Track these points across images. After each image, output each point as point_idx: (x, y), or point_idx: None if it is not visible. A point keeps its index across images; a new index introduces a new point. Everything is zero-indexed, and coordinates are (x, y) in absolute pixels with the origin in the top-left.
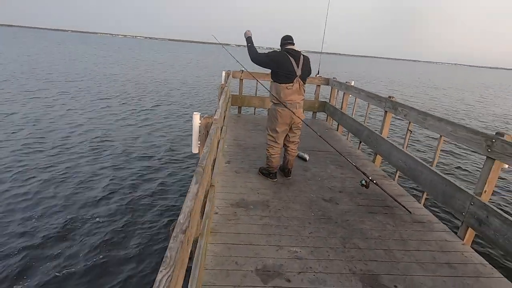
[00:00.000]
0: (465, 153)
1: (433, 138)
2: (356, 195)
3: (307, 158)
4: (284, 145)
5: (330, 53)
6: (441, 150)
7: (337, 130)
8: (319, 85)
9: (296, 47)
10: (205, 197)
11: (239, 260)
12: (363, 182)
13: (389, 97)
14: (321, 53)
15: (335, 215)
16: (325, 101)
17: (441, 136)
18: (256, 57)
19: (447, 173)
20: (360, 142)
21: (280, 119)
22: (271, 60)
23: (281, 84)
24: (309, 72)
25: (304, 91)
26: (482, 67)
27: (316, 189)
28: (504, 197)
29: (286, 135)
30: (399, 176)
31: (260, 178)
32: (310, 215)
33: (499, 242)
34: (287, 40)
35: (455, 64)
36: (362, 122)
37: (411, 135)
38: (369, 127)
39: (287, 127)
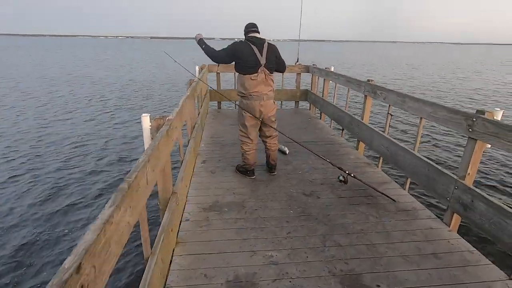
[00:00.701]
0: (448, 135)
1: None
2: (337, 186)
3: (287, 151)
4: (263, 140)
5: (319, 40)
6: (426, 133)
7: (321, 118)
8: (300, 73)
9: (261, 35)
10: (165, 206)
11: (208, 272)
12: (341, 177)
13: (368, 80)
14: (299, 40)
15: (315, 211)
16: (307, 89)
17: (421, 118)
18: (215, 55)
19: (431, 157)
20: (343, 130)
21: (247, 113)
22: (232, 53)
23: (245, 75)
24: (279, 61)
25: (273, 81)
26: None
27: (296, 184)
28: (488, 178)
29: (261, 130)
30: (383, 162)
31: (237, 176)
32: (288, 213)
33: (485, 227)
34: (250, 28)
35: (438, 42)
36: (343, 108)
37: (392, 118)
38: (350, 113)
39: (257, 121)
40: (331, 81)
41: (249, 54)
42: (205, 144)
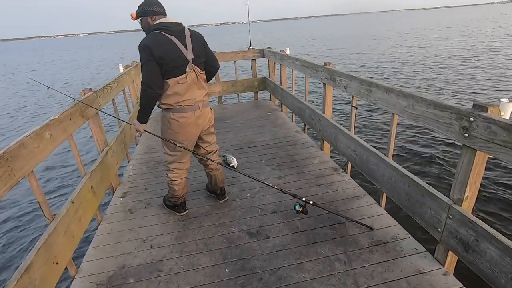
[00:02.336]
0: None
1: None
2: (294, 213)
3: (236, 164)
4: (201, 160)
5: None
6: (411, 131)
7: (282, 110)
8: (254, 59)
9: (174, 18)
10: None
11: None
12: (297, 207)
13: (325, 64)
14: (249, 22)
15: (260, 263)
16: (265, 77)
17: (394, 114)
18: (145, 82)
19: (416, 167)
20: (306, 125)
21: (179, 130)
22: (153, 57)
23: (169, 80)
24: (208, 53)
25: (205, 82)
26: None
27: (241, 216)
28: (496, 200)
29: (197, 147)
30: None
31: (162, 214)
32: (223, 274)
33: (501, 284)
34: (155, 9)
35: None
36: (303, 98)
37: (357, 112)
38: (310, 105)
39: (193, 139)
40: (288, 67)
41: (171, 50)
42: (133, 166)
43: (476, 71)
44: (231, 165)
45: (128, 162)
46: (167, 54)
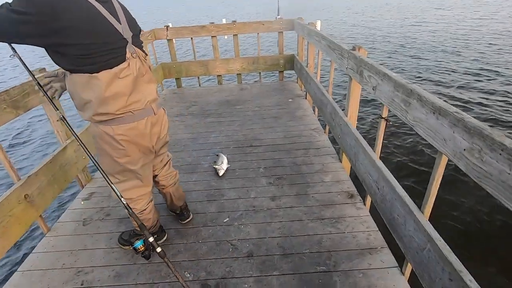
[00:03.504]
0: None
1: None
2: (279, 259)
3: (222, 169)
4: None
5: None
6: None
7: (306, 98)
8: (282, 32)
9: None
10: None
11: None
12: (138, 244)
13: (354, 48)
14: None
15: None
16: (293, 54)
17: (441, 154)
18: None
19: (465, 245)
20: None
21: (131, 148)
22: (53, 29)
23: (101, 73)
24: (139, 29)
25: (151, 68)
26: None
27: (205, 253)
28: None
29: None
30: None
31: (119, 231)
32: None
33: None
34: None
35: None
36: (327, 90)
37: (388, 126)
38: (333, 101)
39: (151, 153)
40: (315, 46)
41: (94, 20)
42: None
43: None
44: (215, 170)
45: None
46: (88, 25)
